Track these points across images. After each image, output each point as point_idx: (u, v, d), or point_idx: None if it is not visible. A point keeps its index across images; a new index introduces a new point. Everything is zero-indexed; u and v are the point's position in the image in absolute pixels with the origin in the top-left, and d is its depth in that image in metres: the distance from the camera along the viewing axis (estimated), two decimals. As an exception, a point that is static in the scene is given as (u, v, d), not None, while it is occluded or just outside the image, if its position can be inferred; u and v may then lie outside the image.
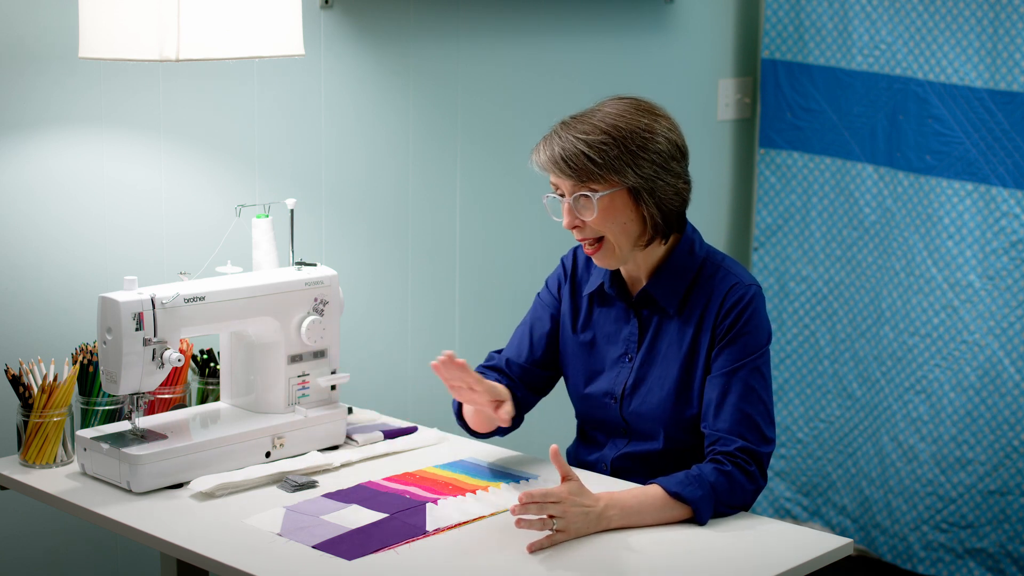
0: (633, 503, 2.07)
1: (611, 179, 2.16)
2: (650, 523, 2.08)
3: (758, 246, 3.89)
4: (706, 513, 2.09)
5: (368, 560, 1.92)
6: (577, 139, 2.16)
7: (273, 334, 2.35)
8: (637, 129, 2.18)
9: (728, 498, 2.12)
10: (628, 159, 2.16)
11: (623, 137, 2.16)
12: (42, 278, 2.53)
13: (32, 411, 2.28)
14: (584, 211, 2.19)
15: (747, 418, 2.17)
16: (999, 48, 3.38)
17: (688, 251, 2.27)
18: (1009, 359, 3.44)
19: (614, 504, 2.06)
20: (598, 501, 2.04)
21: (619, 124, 2.17)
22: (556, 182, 2.21)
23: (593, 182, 2.17)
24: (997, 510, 3.50)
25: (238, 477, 2.19)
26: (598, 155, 2.15)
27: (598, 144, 2.15)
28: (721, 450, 2.15)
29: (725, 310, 2.22)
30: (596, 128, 2.17)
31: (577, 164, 2.16)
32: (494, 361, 2.41)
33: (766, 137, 3.85)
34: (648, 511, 2.08)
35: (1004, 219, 3.42)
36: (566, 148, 2.16)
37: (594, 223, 2.19)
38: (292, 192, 2.84)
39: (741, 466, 2.14)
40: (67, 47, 2.48)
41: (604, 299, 2.35)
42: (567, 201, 2.20)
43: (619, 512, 2.06)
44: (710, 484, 2.10)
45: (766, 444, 2.18)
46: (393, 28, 3.00)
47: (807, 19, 3.73)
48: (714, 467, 2.13)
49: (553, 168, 2.18)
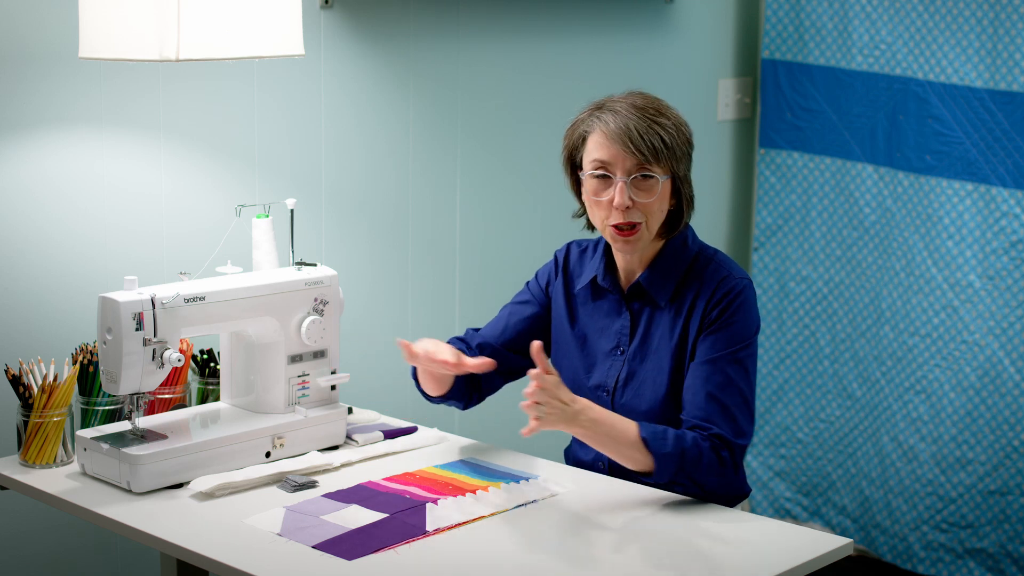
0: (606, 423, 2.12)
1: (669, 164, 2.21)
2: (611, 453, 2.14)
3: (758, 246, 3.89)
4: (664, 473, 2.13)
5: (368, 560, 1.92)
6: (647, 119, 2.19)
7: (273, 334, 2.35)
8: (683, 120, 2.26)
9: (692, 470, 2.14)
10: (686, 149, 2.24)
11: (678, 124, 2.23)
12: (42, 278, 2.53)
13: (32, 411, 2.28)
14: (642, 192, 2.20)
15: (724, 408, 2.19)
16: (999, 48, 3.38)
17: (681, 244, 2.30)
18: (1009, 359, 3.44)
19: (589, 411, 2.11)
20: (575, 401, 2.09)
21: (671, 111, 2.24)
22: (610, 158, 2.21)
23: (658, 164, 2.20)
24: (997, 510, 3.50)
25: (238, 477, 2.19)
26: (670, 139, 2.20)
27: (668, 127, 2.21)
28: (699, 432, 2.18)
29: (714, 301, 2.23)
30: (656, 110, 2.22)
31: (651, 143, 2.18)
32: (466, 336, 2.45)
33: (766, 137, 3.85)
34: (615, 439, 2.13)
35: (1004, 219, 3.42)
36: (641, 126, 2.19)
37: (651, 205, 2.21)
38: (292, 192, 2.84)
39: (715, 448, 2.17)
40: (67, 47, 2.48)
41: (597, 292, 2.36)
42: (623, 180, 2.20)
43: (590, 421, 2.10)
44: (682, 448, 2.13)
45: (741, 436, 2.20)
46: (393, 28, 3.00)
47: (807, 19, 3.73)
48: (694, 436, 2.16)
49: (625, 142, 2.19)
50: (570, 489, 2.21)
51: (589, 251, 2.40)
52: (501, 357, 2.41)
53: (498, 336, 2.42)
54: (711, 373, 2.20)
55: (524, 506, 2.13)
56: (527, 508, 2.13)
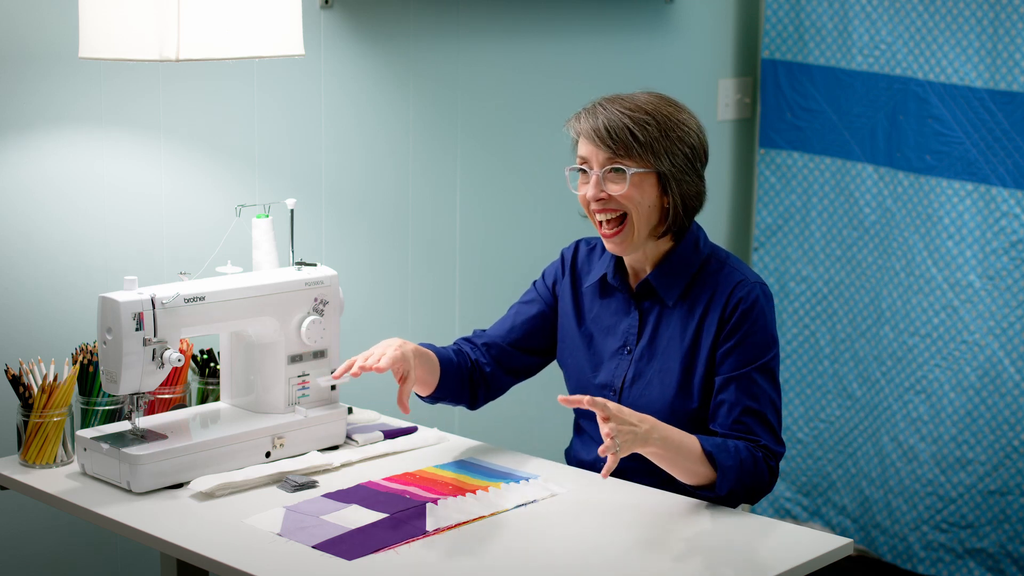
0: (674, 439, 2.09)
1: (646, 160, 2.20)
2: (678, 469, 2.11)
3: (758, 246, 3.89)
4: (726, 484, 2.11)
5: (368, 560, 1.92)
6: (623, 113, 2.20)
7: (273, 334, 2.35)
8: (677, 120, 2.23)
9: (750, 479, 2.14)
10: (666, 144, 2.21)
11: (665, 123, 2.22)
12: (42, 278, 2.53)
13: (32, 411, 2.28)
14: (612, 185, 2.21)
15: (763, 419, 2.20)
16: (999, 48, 3.38)
17: (693, 246, 2.29)
18: (1009, 359, 3.44)
19: (658, 428, 2.07)
20: (643, 421, 2.05)
21: (661, 110, 2.23)
22: (587, 154, 2.22)
23: (629, 158, 2.20)
24: (997, 510, 3.50)
25: (238, 477, 2.19)
26: (641, 133, 2.19)
27: (643, 122, 2.20)
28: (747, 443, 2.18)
29: (731, 307, 2.23)
30: (641, 108, 2.21)
31: (619, 137, 2.18)
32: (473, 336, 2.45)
33: (766, 137, 3.85)
34: (684, 455, 2.10)
35: (1004, 219, 3.42)
36: (611, 120, 2.19)
37: (622, 197, 2.20)
38: (292, 192, 2.84)
39: (766, 458, 2.17)
40: (67, 47, 2.48)
41: (605, 290, 2.36)
42: (596, 173, 2.21)
43: (661, 439, 2.07)
44: (740, 459, 2.13)
45: (780, 445, 2.22)
46: (393, 28, 3.00)
47: (807, 19, 3.73)
48: (746, 444, 2.16)
49: (594, 137, 2.20)
50: (570, 489, 2.21)
51: (598, 249, 2.40)
52: (508, 356, 2.41)
53: (505, 335, 2.42)
54: (746, 385, 2.20)
55: (524, 506, 2.13)
56: (527, 508, 2.12)
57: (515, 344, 2.42)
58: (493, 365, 2.41)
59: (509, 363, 2.42)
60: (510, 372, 2.43)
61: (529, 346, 2.42)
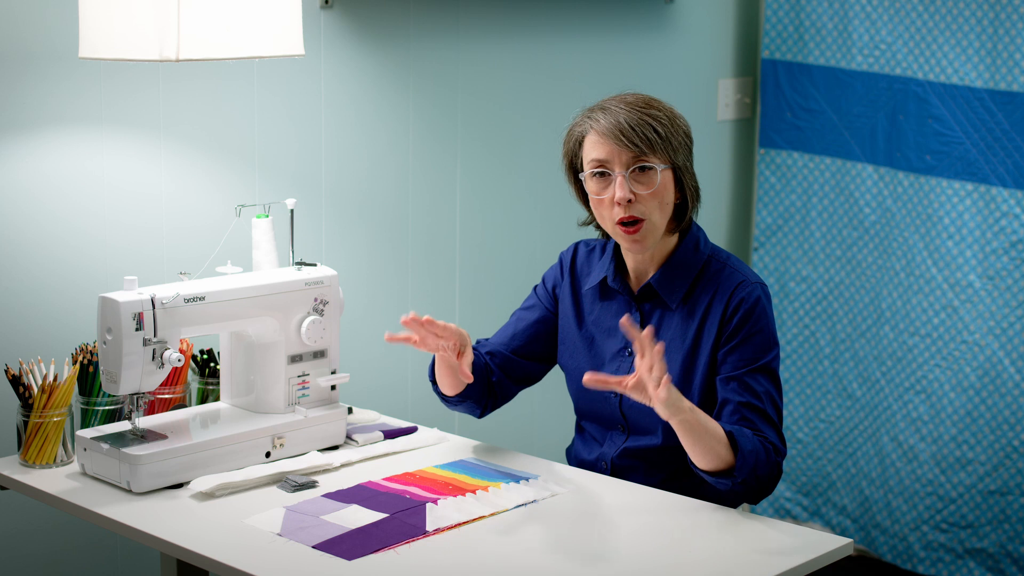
0: (702, 414, 2.10)
1: (667, 154, 2.21)
2: (701, 447, 2.09)
3: (758, 246, 3.89)
4: (744, 470, 2.10)
5: (368, 560, 1.92)
6: (637, 111, 2.21)
7: (273, 334, 2.35)
8: (674, 112, 2.26)
9: (763, 470, 2.14)
10: (681, 138, 2.24)
11: (670, 115, 2.24)
12: (42, 278, 2.53)
13: (32, 411, 2.28)
14: (641, 184, 2.21)
15: (767, 417, 2.20)
16: (999, 48, 3.38)
17: (694, 247, 2.29)
18: (1009, 359, 3.44)
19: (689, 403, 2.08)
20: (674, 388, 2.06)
21: (662, 105, 2.25)
22: (607, 155, 2.21)
23: (654, 154, 2.20)
24: (997, 510, 3.50)
25: (238, 477, 2.19)
26: (660, 128, 2.20)
27: (657, 117, 2.22)
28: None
29: (732, 307, 2.23)
30: (647, 104, 2.23)
31: (643, 134, 2.19)
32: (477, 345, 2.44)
33: (766, 137, 3.85)
34: (709, 431, 2.09)
35: (1004, 219, 3.42)
36: (631, 118, 2.20)
37: (651, 196, 2.20)
38: (292, 192, 2.84)
39: (770, 452, 2.17)
40: (67, 47, 2.48)
41: (606, 293, 2.35)
42: (621, 174, 2.20)
43: (691, 408, 2.07)
44: (755, 447, 2.13)
45: (783, 444, 2.22)
46: (393, 28, 3.00)
47: (807, 19, 3.73)
48: (754, 434, 2.15)
49: (618, 136, 2.20)
50: (570, 489, 2.21)
51: (597, 251, 2.40)
52: (512, 364, 2.40)
53: (507, 343, 2.42)
54: (749, 385, 2.20)
55: (524, 506, 2.13)
56: (527, 508, 2.12)
57: (518, 351, 2.41)
58: (499, 374, 2.40)
59: (514, 371, 2.41)
60: (516, 380, 2.42)
61: (532, 352, 2.42)
